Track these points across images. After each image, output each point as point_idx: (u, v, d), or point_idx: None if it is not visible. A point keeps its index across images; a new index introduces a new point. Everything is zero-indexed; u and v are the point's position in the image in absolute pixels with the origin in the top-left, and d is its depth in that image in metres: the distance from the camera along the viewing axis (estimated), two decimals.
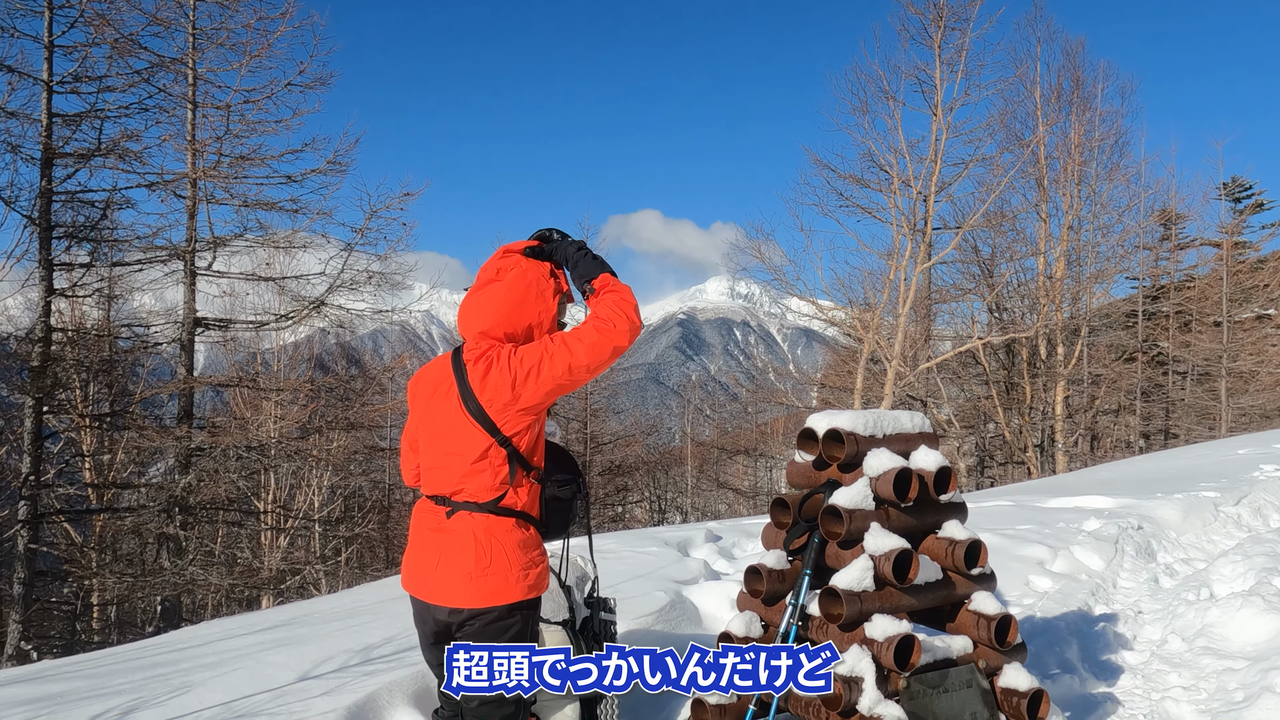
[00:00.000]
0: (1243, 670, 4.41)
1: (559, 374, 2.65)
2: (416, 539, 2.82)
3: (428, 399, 2.83)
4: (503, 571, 2.66)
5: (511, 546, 2.68)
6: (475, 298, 2.80)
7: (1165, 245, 30.36)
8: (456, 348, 2.87)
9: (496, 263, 2.83)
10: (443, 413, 2.76)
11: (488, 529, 2.68)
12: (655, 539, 8.06)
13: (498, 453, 2.69)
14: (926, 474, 3.52)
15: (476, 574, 2.65)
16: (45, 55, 13.22)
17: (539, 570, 2.74)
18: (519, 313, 2.77)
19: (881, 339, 21.21)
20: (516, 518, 2.72)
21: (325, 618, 6.40)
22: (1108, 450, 28.36)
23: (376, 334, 28.54)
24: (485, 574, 2.65)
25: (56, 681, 5.02)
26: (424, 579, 2.74)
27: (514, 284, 2.77)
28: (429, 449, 2.82)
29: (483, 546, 2.66)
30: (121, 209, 14.58)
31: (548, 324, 2.82)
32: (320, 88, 15.56)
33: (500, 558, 2.66)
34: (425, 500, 2.82)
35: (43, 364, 13.04)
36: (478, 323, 2.77)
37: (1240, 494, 8.97)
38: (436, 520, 2.75)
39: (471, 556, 2.65)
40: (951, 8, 20.82)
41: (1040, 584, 6.18)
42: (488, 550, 2.66)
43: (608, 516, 31.49)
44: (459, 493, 2.71)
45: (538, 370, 2.65)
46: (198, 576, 14.20)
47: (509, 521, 2.70)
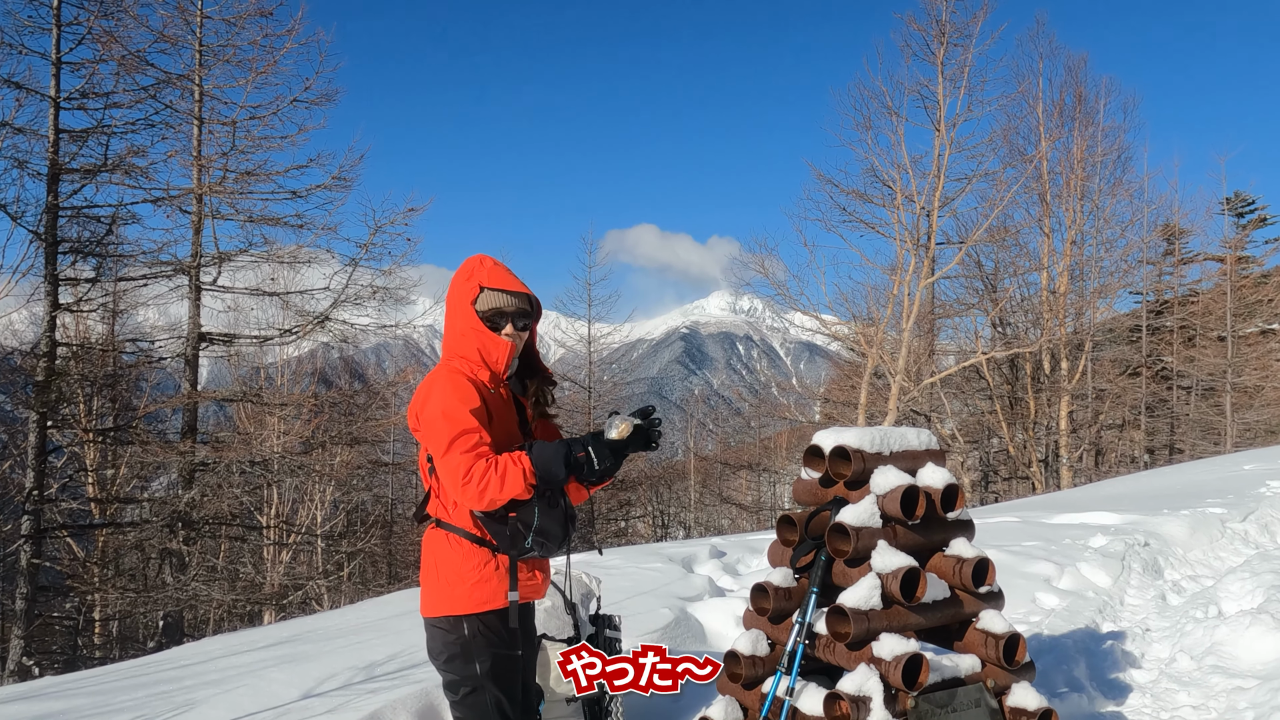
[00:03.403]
0: (1253, 689, 4.37)
1: (425, 436, 2.78)
2: None
3: None
4: (446, 583, 2.77)
5: (453, 560, 2.78)
6: None
7: (1169, 260, 30.37)
8: None
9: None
10: None
11: (433, 542, 2.84)
12: (659, 555, 8.03)
13: (427, 467, 2.84)
14: (934, 491, 3.51)
15: (425, 586, 2.83)
16: (53, 72, 13.32)
17: (487, 585, 2.78)
18: (448, 325, 2.93)
19: (885, 354, 21.21)
20: (454, 532, 2.80)
21: (328, 634, 6.37)
22: (1112, 465, 28.25)
23: (380, 348, 28.60)
24: (430, 585, 2.81)
25: (58, 699, 5.00)
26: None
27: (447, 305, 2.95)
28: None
29: (429, 559, 2.83)
30: (127, 224, 14.69)
31: (458, 324, 2.89)
32: (325, 104, 15.65)
33: (443, 570, 2.78)
34: None
35: (47, 379, 13.06)
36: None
37: (1247, 510, 8.92)
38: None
39: (423, 569, 2.85)
40: (954, 24, 20.91)
41: (1047, 601, 6.14)
42: (433, 563, 2.81)
43: (610, 531, 31.37)
44: (430, 506, 2.91)
45: (428, 431, 2.75)
46: (200, 592, 14.17)
47: (451, 536, 2.80)
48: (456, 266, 2.98)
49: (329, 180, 15.54)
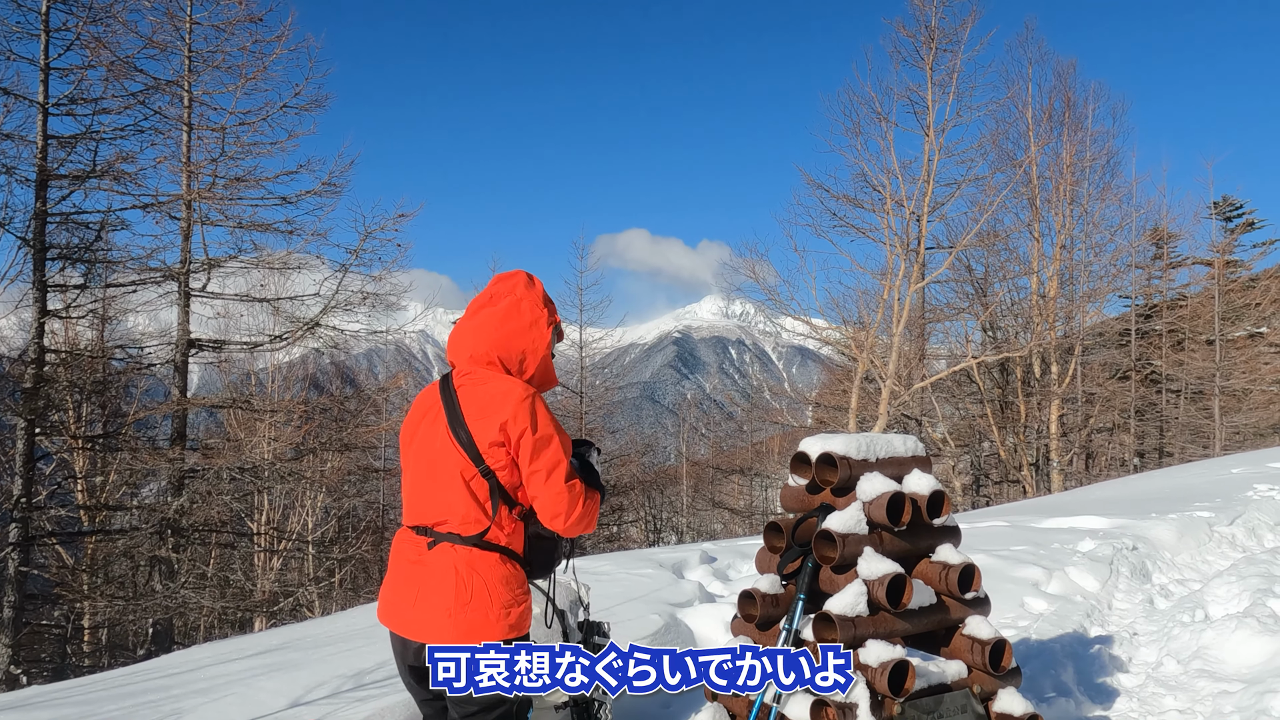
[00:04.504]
0: (1238, 693, 4.40)
1: (528, 472, 2.62)
2: (396, 570, 2.71)
3: (415, 427, 2.77)
4: (483, 609, 2.56)
5: (495, 583, 2.59)
6: (470, 323, 2.75)
7: (1157, 264, 30.51)
8: (445, 374, 2.81)
9: (491, 289, 2.79)
10: (428, 439, 2.69)
11: (470, 563, 2.58)
12: (650, 560, 8.03)
13: (480, 484, 2.60)
14: (920, 498, 3.52)
15: (456, 610, 2.55)
16: (41, 78, 13.27)
17: (521, 609, 2.65)
18: (514, 340, 2.72)
19: (876, 358, 21.25)
20: (500, 553, 2.62)
21: (318, 642, 6.35)
22: (1103, 469, 28.35)
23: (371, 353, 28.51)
24: (465, 610, 2.55)
25: (45, 708, 4.98)
26: (402, 612, 2.65)
27: (510, 310, 2.73)
28: (412, 477, 2.73)
29: (464, 581, 2.56)
30: (116, 230, 14.61)
31: (541, 352, 2.77)
32: (315, 109, 15.62)
33: (481, 594, 2.57)
34: (406, 530, 2.72)
35: (36, 385, 13.00)
36: (469, 346, 2.72)
37: (1234, 514, 8.97)
38: (417, 552, 2.65)
39: (452, 591, 2.56)
40: (943, 30, 20.99)
41: (1035, 606, 6.17)
42: (469, 585, 2.56)
43: (603, 536, 31.34)
44: (442, 524, 2.62)
45: (533, 459, 2.60)
46: (190, 599, 14.10)
47: (493, 557, 2.61)
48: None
49: (319, 186, 15.51)
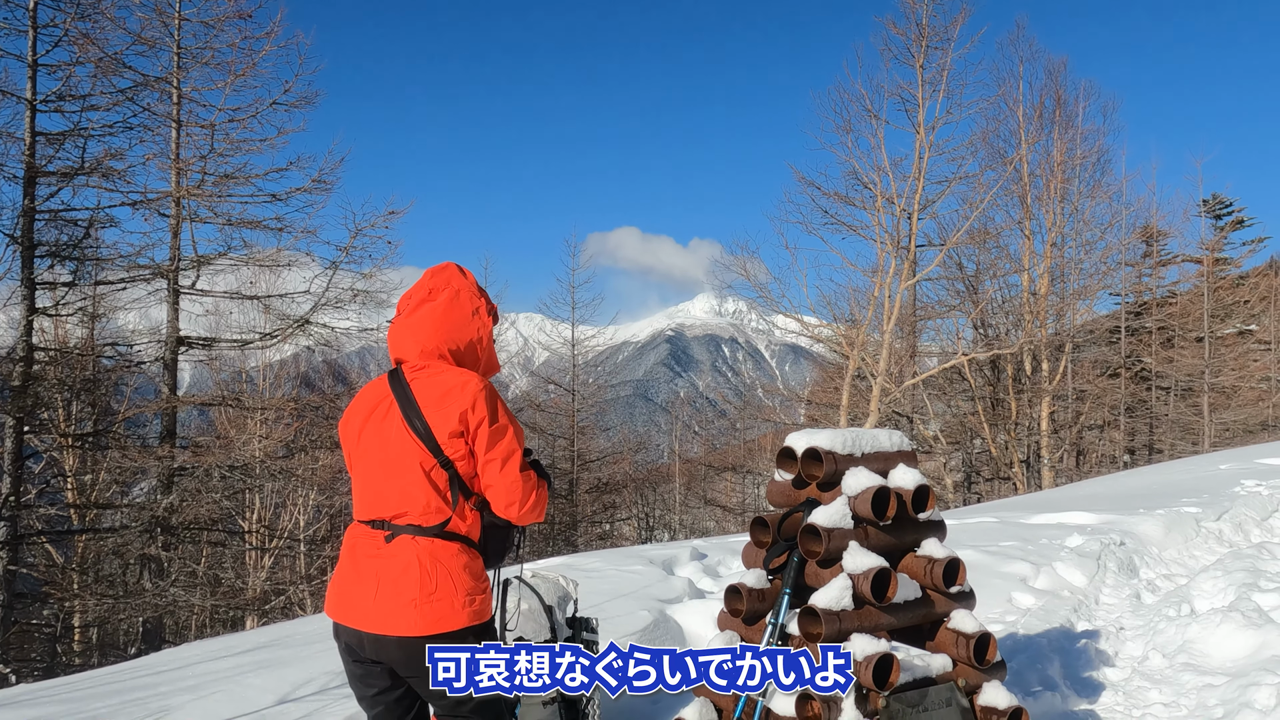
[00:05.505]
0: (1222, 686, 4.43)
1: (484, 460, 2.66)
2: (350, 564, 2.69)
3: (364, 421, 2.75)
4: (448, 598, 2.58)
5: (458, 572, 2.61)
6: (411, 319, 2.77)
7: (1147, 262, 30.67)
8: (393, 369, 2.81)
9: (427, 283, 2.82)
10: (380, 433, 2.70)
11: (432, 554, 2.60)
12: (640, 557, 8.05)
13: (440, 475, 2.64)
14: (905, 492, 3.54)
15: (421, 600, 2.56)
16: (29, 74, 13.21)
17: (484, 598, 2.68)
18: (460, 330, 2.76)
19: (867, 355, 21.31)
20: (460, 542, 2.65)
21: (307, 639, 6.35)
22: (1093, 465, 28.49)
23: (364, 351, 28.39)
24: (430, 600, 2.56)
25: (33, 706, 4.97)
26: (359, 606, 2.62)
27: (450, 302, 2.78)
28: (365, 471, 2.72)
29: (428, 572, 2.58)
30: (105, 227, 14.55)
31: (486, 340, 2.83)
32: (305, 106, 15.59)
33: (446, 584, 2.59)
34: (359, 525, 2.71)
35: (24, 383, 12.95)
36: (419, 341, 2.75)
37: (1221, 509, 9.02)
38: (375, 545, 2.64)
39: (416, 582, 2.57)
40: (934, 27, 21.06)
41: (1023, 601, 6.20)
42: (432, 576, 2.58)
43: (595, 534, 31.33)
44: (400, 516, 2.63)
45: (489, 448, 2.65)
46: (180, 598, 14.07)
47: (454, 546, 2.63)
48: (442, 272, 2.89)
49: (309, 183, 15.48)
